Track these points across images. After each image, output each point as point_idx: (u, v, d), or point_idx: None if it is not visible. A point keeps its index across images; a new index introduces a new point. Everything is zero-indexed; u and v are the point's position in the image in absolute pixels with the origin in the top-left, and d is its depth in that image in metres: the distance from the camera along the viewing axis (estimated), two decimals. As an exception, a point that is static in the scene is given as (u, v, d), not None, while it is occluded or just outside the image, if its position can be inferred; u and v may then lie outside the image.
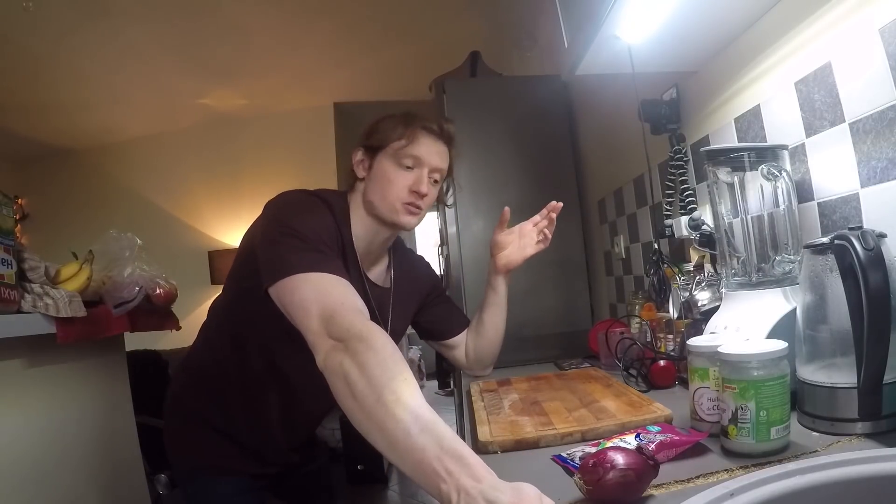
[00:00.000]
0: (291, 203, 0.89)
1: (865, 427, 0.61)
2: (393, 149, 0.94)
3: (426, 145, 0.95)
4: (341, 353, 0.66)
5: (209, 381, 1.02)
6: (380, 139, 0.95)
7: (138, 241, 1.39)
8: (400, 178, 0.93)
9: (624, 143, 1.59)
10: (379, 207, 0.94)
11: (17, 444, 1.12)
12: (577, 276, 1.90)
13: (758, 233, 0.83)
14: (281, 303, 0.78)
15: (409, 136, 0.93)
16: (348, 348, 0.66)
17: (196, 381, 1.05)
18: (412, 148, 0.93)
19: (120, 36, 2.90)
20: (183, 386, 1.07)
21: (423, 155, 0.94)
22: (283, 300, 0.78)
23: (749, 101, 1.00)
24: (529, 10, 2.54)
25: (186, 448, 1.04)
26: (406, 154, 0.93)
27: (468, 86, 2.23)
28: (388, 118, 0.97)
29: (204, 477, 1.02)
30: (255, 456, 1.03)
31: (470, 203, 1.86)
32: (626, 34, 0.99)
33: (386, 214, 0.94)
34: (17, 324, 1.07)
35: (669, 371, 1.04)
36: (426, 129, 0.95)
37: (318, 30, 3.10)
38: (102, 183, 4.46)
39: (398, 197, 0.93)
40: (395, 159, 0.94)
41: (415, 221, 0.96)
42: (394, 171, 0.94)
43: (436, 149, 0.96)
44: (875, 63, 0.70)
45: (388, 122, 0.96)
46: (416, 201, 0.94)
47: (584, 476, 0.53)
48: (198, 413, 1.02)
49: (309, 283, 0.76)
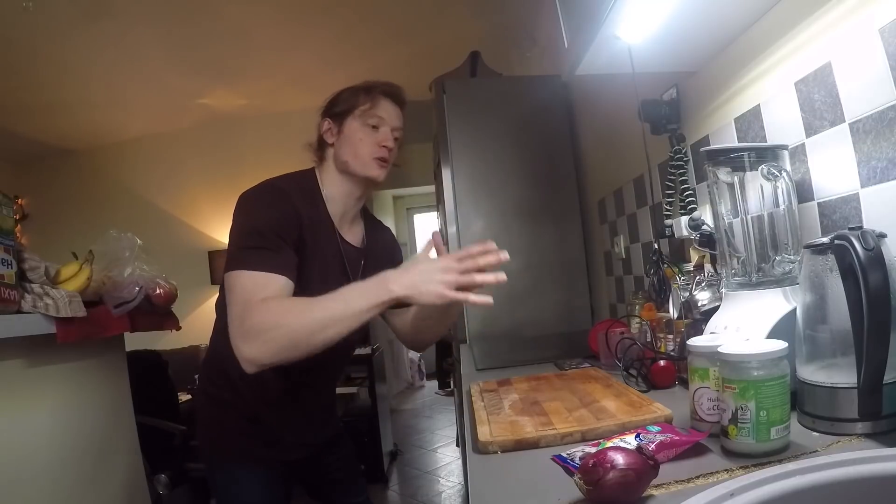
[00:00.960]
0: (251, 200, 1.00)
1: (865, 427, 0.61)
2: (360, 111, 1.07)
3: (386, 107, 1.09)
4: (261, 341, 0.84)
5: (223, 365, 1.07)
6: (345, 105, 1.08)
7: (138, 241, 1.39)
8: (369, 136, 1.07)
9: (624, 143, 1.59)
10: (353, 164, 1.07)
11: (17, 443, 1.12)
12: (577, 276, 1.90)
13: (758, 233, 0.83)
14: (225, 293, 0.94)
15: (373, 101, 1.07)
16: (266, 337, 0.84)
17: (214, 368, 1.13)
18: (376, 110, 1.07)
19: (120, 36, 2.90)
20: (206, 375, 1.16)
21: (385, 115, 1.08)
22: (226, 291, 0.93)
23: (749, 101, 1.00)
24: (529, 10, 2.54)
25: (214, 436, 1.13)
26: (371, 115, 1.07)
27: (468, 86, 2.23)
28: (348, 89, 1.11)
29: (234, 466, 1.11)
30: (277, 439, 1.12)
31: (470, 203, 1.87)
32: (626, 34, 0.99)
33: (360, 169, 1.07)
34: (17, 324, 1.07)
35: (669, 371, 1.04)
36: (385, 94, 1.09)
37: (319, 30, 3.10)
38: (102, 183, 4.46)
39: (370, 152, 1.06)
40: (362, 121, 1.07)
41: (384, 174, 1.09)
42: (363, 131, 1.07)
43: (394, 111, 1.10)
44: (875, 63, 0.70)
45: (349, 92, 1.10)
46: (384, 155, 1.07)
47: (584, 476, 0.53)
48: (220, 399, 1.11)
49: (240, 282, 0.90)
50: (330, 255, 1.07)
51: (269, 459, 1.12)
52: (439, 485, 3.11)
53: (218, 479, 1.12)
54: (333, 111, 1.10)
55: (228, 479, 1.11)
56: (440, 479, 3.20)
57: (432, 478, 3.22)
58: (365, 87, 1.09)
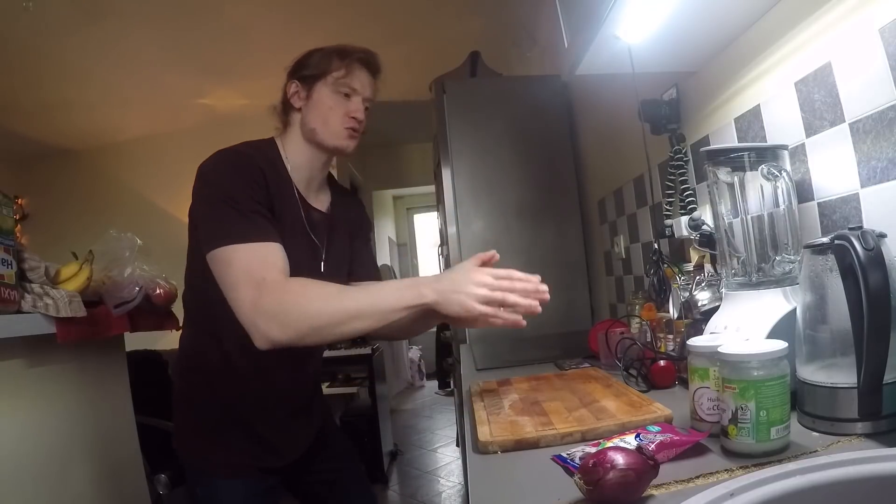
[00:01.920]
0: (216, 167, 0.95)
1: (865, 427, 0.61)
2: (332, 78, 1.01)
3: (360, 77, 1.03)
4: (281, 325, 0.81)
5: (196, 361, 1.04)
6: (317, 69, 1.02)
7: (138, 241, 1.39)
8: (340, 105, 1.02)
9: (624, 143, 1.59)
10: (321, 133, 1.02)
11: (17, 443, 1.12)
12: (577, 276, 1.90)
13: (758, 233, 0.83)
14: (214, 271, 0.88)
15: (347, 68, 1.01)
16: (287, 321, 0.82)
17: (188, 366, 1.08)
18: (349, 79, 1.01)
19: (120, 36, 2.89)
20: (181, 377, 1.09)
21: (358, 86, 1.02)
22: (216, 271, 0.88)
23: (749, 101, 1.00)
24: (529, 10, 2.54)
25: (195, 445, 1.05)
26: (344, 84, 1.01)
27: (468, 86, 2.23)
28: (318, 51, 1.04)
29: (215, 478, 1.03)
30: (261, 443, 1.04)
31: (470, 203, 1.87)
32: (626, 34, 0.99)
33: (328, 140, 1.02)
34: (17, 324, 1.07)
35: (669, 371, 1.04)
36: (361, 62, 1.03)
37: (319, 30, 3.10)
38: (102, 183, 4.46)
39: (340, 122, 1.02)
40: (334, 87, 1.01)
41: (354, 144, 1.05)
42: (333, 98, 1.01)
43: (368, 80, 1.05)
44: (875, 63, 0.70)
45: (321, 54, 1.03)
46: (355, 126, 1.03)
47: (584, 476, 0.53)
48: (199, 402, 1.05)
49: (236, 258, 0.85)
50: (294, 220, 1.02)
51: (251, 468, 1.04)
52: (439, 485, 3.11)
53: (199, 493, 1.05)
54: (302, 73, 1.03)
55: (209, 492, 1.04)
56: (440, 479, 3.20)
57: (432, 478, 3.22)
58: (339, 52, 1.02)
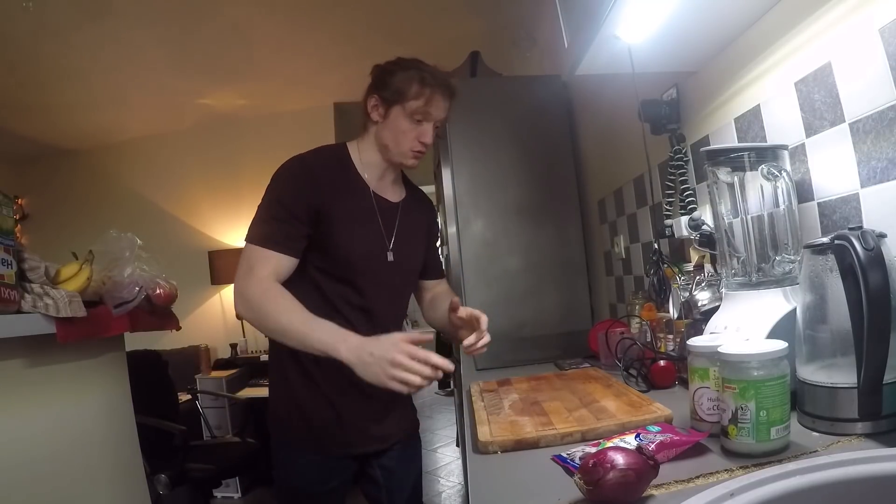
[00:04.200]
0: (278, 175, 1.09)
1: (865, 427, 0.61)
2: (410, 107, 1.08)
3: (438, 104, 1.10)
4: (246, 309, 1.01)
5: None
6: (397, 94, 1.08)
7: (138, 241, 1.39)
8: (412, 131, 1.09)
9: (624, 143, 1.59)
10: (391, 152, 1.12)
11: (17, 443, 1.12)
12: (577, 276, 1.90)
13: (758, 233, 0.83)
14: None
15: (427, 99, 1.08)
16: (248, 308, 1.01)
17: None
18: (427, 107, 1.08)
19: (120, 36, 2.89)
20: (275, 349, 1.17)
21: (434, 113, 1.10)
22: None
23: (749, 101, 1.00)
24: (529, 10, 2.54)
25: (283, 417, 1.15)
26: (420, 112, 1.08)
27: (468, 86, 2.22)
28: (402, 71, 1.09)
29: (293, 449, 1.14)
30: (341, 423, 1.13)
31: (470, 203, 1.87)
32: (626, 34, 0.99)
33: (395, 158, 1.13)
34: (17, 324, 1.07)
35: (669, 371, 1.04)
36: (442, 91, 1.09)
37: (319, 30, 3.10)
38: (102, 183, 4.46)
39: (410, 146, 1.10)
40: (410, 115, 1.08)
41: (416, 163, 1.14)
42: (407, 124, 1.09)
43: (444, 105, 1.11)
44: (875, 63, 0.70)
45: (403, 77, 1.08)
46: (422, 149, 1.12)
47: (584, 476, 0.53)
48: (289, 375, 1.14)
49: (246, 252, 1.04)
50: (365, 208, 1.13)
51: (333, 447, 1.14)
52: (439, 485, 3.11)
53: (279, 458, 1.16)
54: (383, 93, 1.10)
55: (287, 460, 1.15)
56: (440, 479, 3.20)
57: (432, 478, 3.22)
58: (420, 78, 1.08)
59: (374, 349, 0.91)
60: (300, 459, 1.14)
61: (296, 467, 1.14)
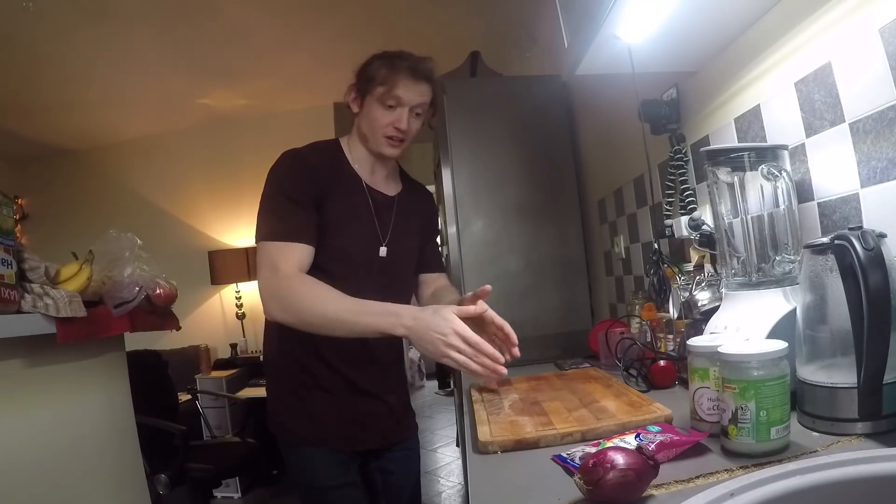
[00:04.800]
0: (271, 170, 1.10)
1: (865, 427, 0.61)
2: (378, 93, 1.08)
3: (406, 87, 1.08)
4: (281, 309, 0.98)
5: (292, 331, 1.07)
6: (367, 82, 1.10)
7: (138, 241, 1.39)
8: (383, 117, 1.09)
9: (624, 143, 1.59)
10: (369, 141, 1.13)
11: (17, 443, 1.12)
12: (577, 276, 1.90)
13: (758, 233, 0.83)
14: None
15: (391, 81, 1.07)
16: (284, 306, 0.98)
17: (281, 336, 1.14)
18: (394, 90, 1.07)
19: (120, 36, 2.89)
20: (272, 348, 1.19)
21: (403, 96, 1.08)
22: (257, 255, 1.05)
23: (749, 101, 1.00)
24: (529, 10, 2.54)
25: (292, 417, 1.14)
26: (389, 97, 1.08)
27: (468, 86, 2.23)
28: (377, 59, 1.11)
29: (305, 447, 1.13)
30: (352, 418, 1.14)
31: (470, 203, 1.87)
32: (626, 34, 0.99)
33: (374, 147, 1.13)
34: (17, 324, 1.07)
35: (669, 371, 1.04)
36: (407, 72, 1.08)
37: (318, 30, 3.10)
38: (102, 183, 4.45)
39: (382, 133, 1.10)
40: (380, 101, 1.09)
41: (397, 152, 1.14)
42: (378, 111, 1.10)
43: (416, 89, 1.09)
44: (875, 63, 0.70)
45: (375, 65, 1.10)
46: (396, 135, 1.10)
47: (584, 476, 0.53)
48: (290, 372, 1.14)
49: (262, 250, 1.03)
50: (358, 202, 1.14)
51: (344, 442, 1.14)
52: (439, 485, 3.11)
53: (292, 461, 1.15)
54: (358, 84, 1.12)
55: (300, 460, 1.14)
56: (440, 479, 3.20)
57: (432, 478, 3.22)
58: (389, 64, 1.08)
59: (434, 319, 0.88)
60: (314, 457, 1.13)
61: (311, 465, 1.14)
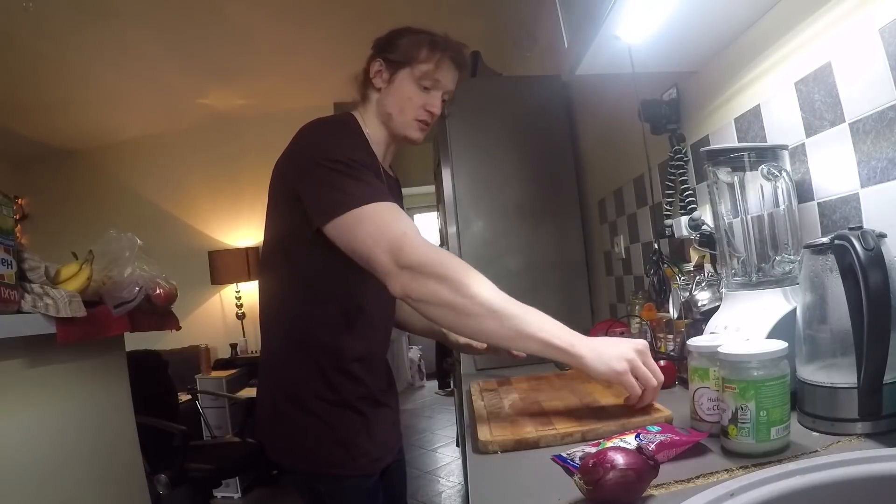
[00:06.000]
0: (326, 131, 0.94)
1: (865, 427, 0.61)
2: (418, 70, 0.99)
3: (448, 72, 1.01)
4: (421, 279, 0.78)
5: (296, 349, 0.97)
6: (404, 56, 0.99)
7: (138, 241, 1.39)
8: (419, 98, 1.00)
9: (624, 143, 1.59)
10: (395, 120, 1.01)
11: (17, 444, 1.12)
12: (577, 276, 1.90)
13: (758, 233, 0.83)
14: (341, 240, 0.85)
15: (437, 63, 0.99)
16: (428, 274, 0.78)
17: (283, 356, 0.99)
18: (436, 73, 0.99)
19: (120, 36, 2.89)
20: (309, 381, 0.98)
21: (442, 80, 1.00)
22: (343, 238, 0.84)
23: (749, 101, 1.00)
24: (529, 10, 2.54)
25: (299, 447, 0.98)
26: (428, 77, 0.99)
27: (468, 86, 2.21)
28: (411, 34, 1.02)
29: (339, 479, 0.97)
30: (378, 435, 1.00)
31: (470, 203, 1.87)
32: (626, 34, 0.99)
33: (399, 128, 1.02)
34: (17, 324, 1.07)
35: (669, 371, 1.04)
36: (451, 57, 1.01)
37: (318, 30, 3.10)
38: (102, 183, 4.46)
39: (415, 115, 1.00)
40: (417, 80, 0.99)
41: (422, 136, 1.05)
42: (413, 90, 1.00)
43: (454, 75, 1.03)
44: (875, 63, 0.70)
45: (411, 40, 1.00)
46: (428, 119, 1.02)
47: (584, 476, 0.53)
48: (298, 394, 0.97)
49: (367, 217, 0.83)
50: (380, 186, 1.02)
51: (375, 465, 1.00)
52: (439, 485, 3.11)
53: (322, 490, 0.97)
54: (388, 56, 1.01)
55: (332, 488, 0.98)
56: (440, 479, 3.20)
57: (432, 478, 3.22)
58: (430, 42, 0.99)
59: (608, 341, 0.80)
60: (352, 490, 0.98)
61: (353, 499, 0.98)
